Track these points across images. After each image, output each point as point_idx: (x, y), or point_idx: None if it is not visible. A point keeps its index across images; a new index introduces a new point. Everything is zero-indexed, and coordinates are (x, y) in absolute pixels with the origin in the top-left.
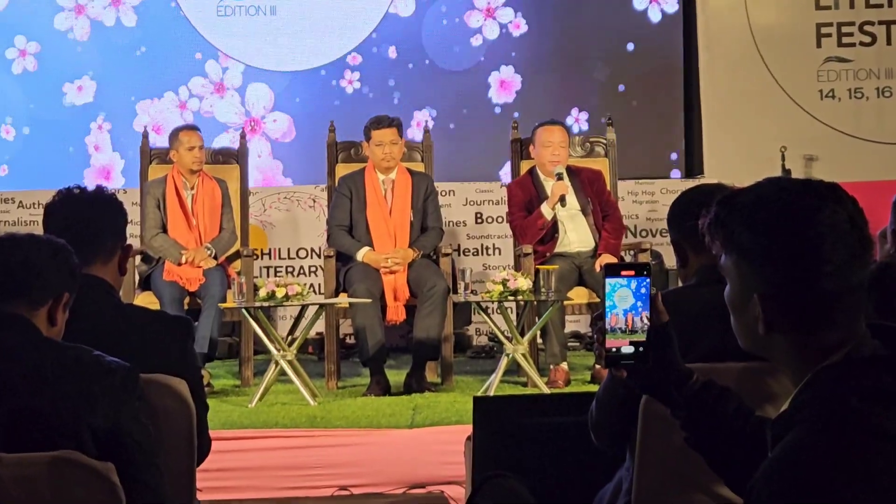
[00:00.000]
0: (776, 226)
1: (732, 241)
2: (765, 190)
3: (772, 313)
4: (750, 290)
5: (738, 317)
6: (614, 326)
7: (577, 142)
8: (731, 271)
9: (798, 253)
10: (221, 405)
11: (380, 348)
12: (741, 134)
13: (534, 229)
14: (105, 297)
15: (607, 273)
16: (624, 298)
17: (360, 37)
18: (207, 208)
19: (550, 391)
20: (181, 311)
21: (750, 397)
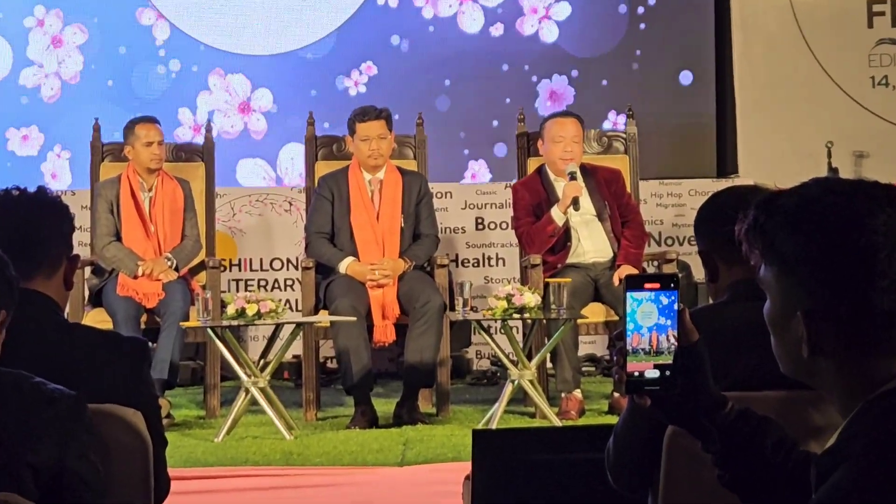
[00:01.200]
0: (824, 233)
1: (774, 250)
2: (810, 191)
3: (817, 334)
4: (793, 306)
5: (778, 337)
6: (636, 347)
7: (592, 136)
8: (772, 285)
9: (849, 265)
10: (183, 439)
11: (366, 374)
12: (781, 127)
13: (543, 237)
14: (48, 315)
15: (628, 286)
16: (648, 315)
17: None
18: (168, 213)
19: (562, 423)
20: (137, 330)
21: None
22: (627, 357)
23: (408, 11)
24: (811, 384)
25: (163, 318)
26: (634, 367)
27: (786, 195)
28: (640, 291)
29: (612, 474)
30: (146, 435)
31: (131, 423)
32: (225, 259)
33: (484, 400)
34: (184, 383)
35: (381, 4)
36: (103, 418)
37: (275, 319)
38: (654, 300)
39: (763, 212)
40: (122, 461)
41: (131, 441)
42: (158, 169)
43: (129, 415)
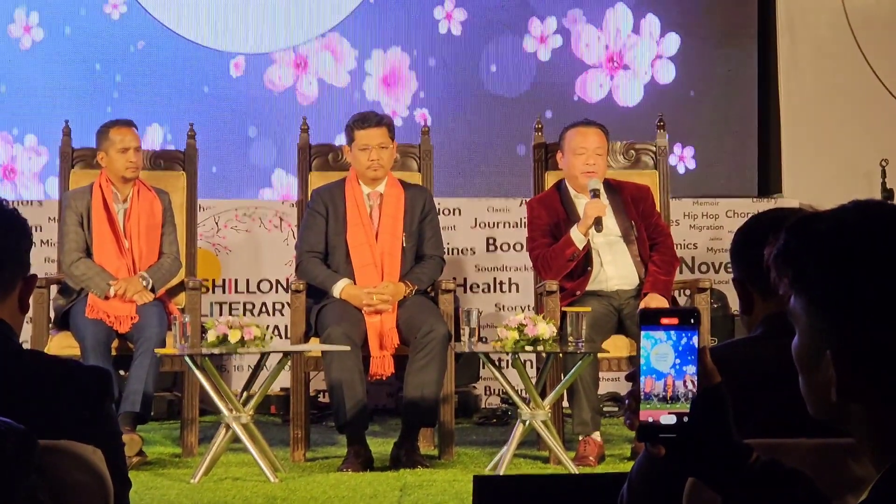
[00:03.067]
0: (859, 263)
1: (803, 279)
2: (849, 216)
3: (848, 376)
4: (822, 344)
5: (806, 377)
6: (649, 393)
7: (618, 149)
8: (801, 318)
9: (886, 301)
10: (156, 479)
11: (360, 410)
12: (830, 142)
13: (561, 261)
14: (0, 340)
15: (642, 322)
16: (663, 357)
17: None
18: (144, 227)
19: (578, 470)
20: (107, 357)
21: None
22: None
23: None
24: (842, 429)
25: (136, 345)
26: (647, 414)
27: (821, 219)
28: (656, 329)
29: None
30: (106, 475)
31: (89, 462)
32: (207, 279)
33: (492, 442)
34: (159, 417)
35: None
36: (58, 456)
37: (260, 348)
38: (671, 340)
39: (795, 236)
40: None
41: (89, 481)
42: (135, 178)
43: (88, 452)
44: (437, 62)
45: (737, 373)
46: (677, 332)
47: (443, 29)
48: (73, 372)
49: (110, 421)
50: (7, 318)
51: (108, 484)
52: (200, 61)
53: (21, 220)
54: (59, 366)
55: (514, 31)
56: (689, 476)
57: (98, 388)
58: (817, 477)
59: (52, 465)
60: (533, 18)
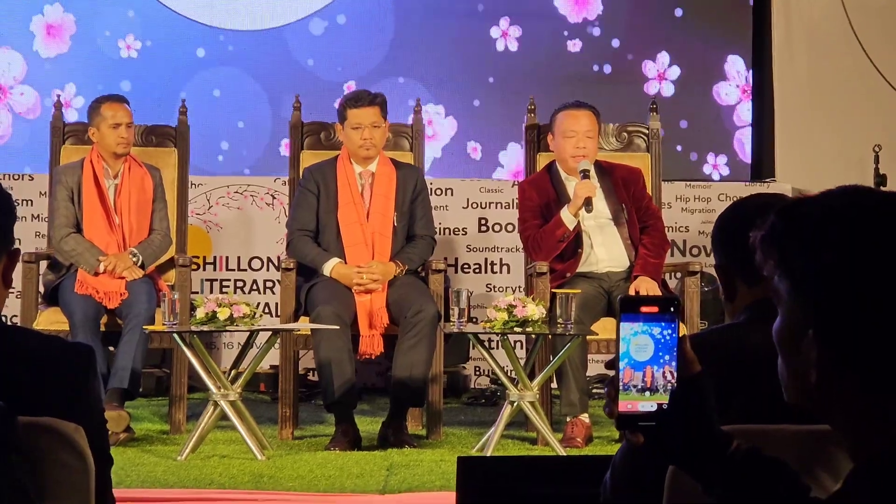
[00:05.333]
0: (844, 246)
1: (788, 261)
2: (836, 200)
3: (829, 357)
4: (804, 324)
5: (786, 358)
6: (628, 384)
7: (610, 131)
8: (784, 300)
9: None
10: (143, 456)
11: (349, 389)
12: (824, 127)
13: (551, 242)
14: None
15: (622, 310)
16: (643, 348)
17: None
18: (134, 203)
19: (566, 452)
20: (96, 333)
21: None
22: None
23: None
24: (818, 417)
25: (125, 321)
26: (626, 404)
27: (808, 202)
28: (636, 317)
29: None
30: (87, 452)
31: (71, 439)
32: (198, 256)
33: (481, 422)
34: (147, 393)
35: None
36: (38, 433)
37: (249, 325)
38: (650, 330)
39: (782, 218)
40: (59, 481)
41: (70, 459)
42: (126, 154)
43: (70, 430)
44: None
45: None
46: (657, 320)
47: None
48: (56, 349)
49: (93, 398)
50: None
51: (89, 462)
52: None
53: (4, 194)
54: (43, 342)
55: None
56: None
57: (81, 366)
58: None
59: (33, 443)
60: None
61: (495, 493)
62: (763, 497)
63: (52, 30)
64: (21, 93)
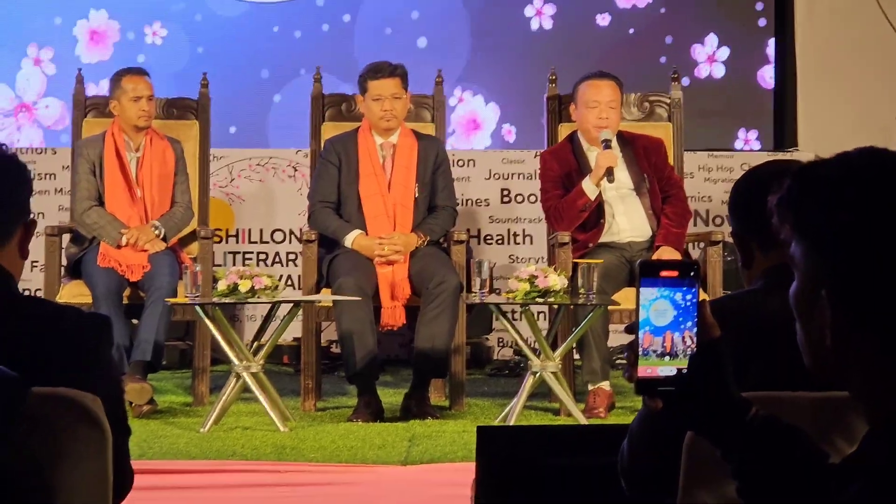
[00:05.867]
0: (860, 206)
1: (804, 222)
2: (854, 161)
3: (844, 318)
4: (820, 286)
5: (802, 321)
6: (647, 349)
7: (632, 101)
8: (800, 263)
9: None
10: (166, 428)
11: (371, 360)
12: (847, 96)
13: (573, 212)
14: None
15: (642, 274)
16: (662, 313)
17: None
18: (156, 176)
19: (588, 421)
20: (119, 305)
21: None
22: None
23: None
24: (835, 382)
25: (147, 294)
26: (645, 369)
27: (826, 163)
28: (655, 282)
29: (624, 479)
30: (104, 422)
31: (88, 410)
32: (221, 229)
33: (504, 393)
34: (171, 366)
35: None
36: (55, 404)
37: (270, 297)
38: (670, 295)
39: (799, 180)
40: (75, 451)
41: (87, 429)
42: (147, 127)
43: (87, 400)
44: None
45: (737, 325)
46: (677, 285)
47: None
48: (72, 319)
49: (109, 368)
50: (6, 265)
51: (106, 431)
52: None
53: (20, 165)
54: (59, 313)
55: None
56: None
57: (97, 336)
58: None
59: (49, 413)
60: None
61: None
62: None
63: (96, 35)
64: (46, 105)
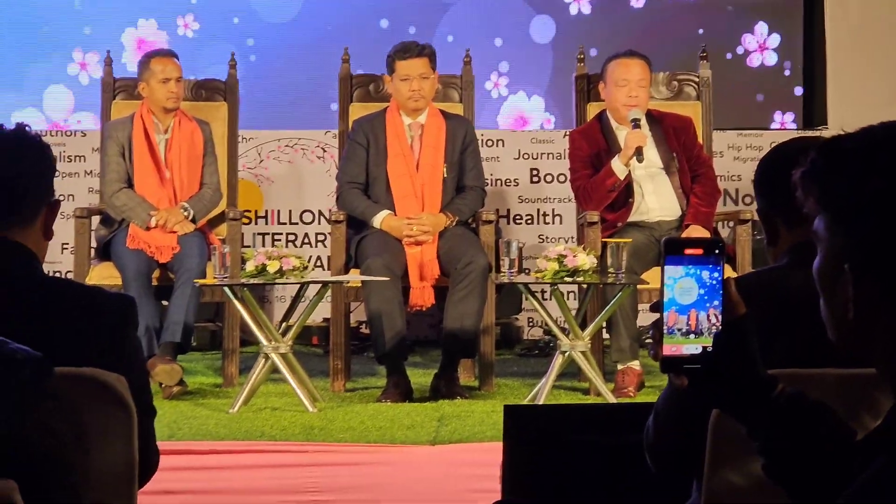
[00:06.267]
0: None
1: (828, 195)
2: (878, 134)
3: (866, 291)
4: (842, 260)
5: (826, 296)
6: (672, 327)
7: (660, 80)
8: (823, 237)
9: None
10: (195, 409)
11: (399, 341)
12: (876, 74)
13: (602, 191)
14: (21, 267)
15: (667, 252)
16: (687, 291)
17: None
18: (185, 157)
19: (617, 400)
20: (149, 287)
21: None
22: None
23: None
24: (859, 356)
25: (177, 275)
26: (670, 348)
27: (850, 137)
28: (680, 260)
29: (650, 456)
30: (130, 402)
31: (113, 389)
32: (250, 210)
33: (534, 373)
34: (202, 347)
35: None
36: (80, 383)
37: (299, 278)
38: (694, 274)
39: (823, 154)
40: (101, 431)
41: (112, 409)
42: (176, 108)
43: (112, 380)
44: None
45: (762, 302)
46: (702, 263)
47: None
48: (96, 299)
49: (134, 349)
50: (31, 245)
51: (131, 412)
52: None
53: (44, 146)
54: (83, 293)
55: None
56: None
57: (121, 316)
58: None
59: (74, 393)
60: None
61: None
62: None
63: (144, 45)
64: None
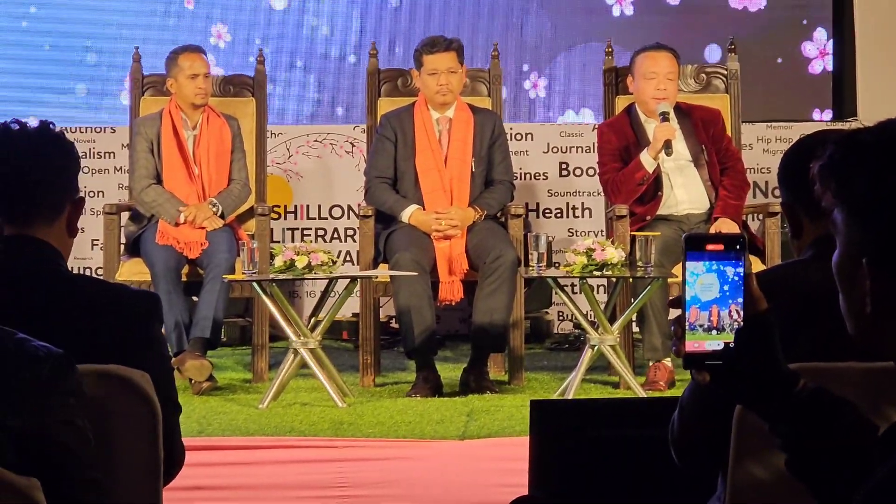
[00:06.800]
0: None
1: (845, 188)
2: (893, 128)
3: (883, 285)
4: (859, 254)
5: (844, 290)
6: (694, 323)
7: (689, 73)
8: (841, 230)
9: None
10: (226, 405)
11: (429, 336)
12: None
13: (631, 185)
14: (45, 264)
15: (687, 248)
16: (708, 287)
17: None
18: (213, 153)
19: (647, 394)
20: (177, 283)
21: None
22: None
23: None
24: (877, 350)
25: (206, 271)
26: (693, 343)
27: (867, 131)
28: (701, 256)
29: (675, 451)
30: (154, 399)
31: (138, 386)
32: (279, 205)
33: (564, 367)
34: (232, 342)
35: None
36: (104, 380)
37: (327, 273)
38: (716, 269)
39: (840, 147)
40: (125, 428)
41: (137, 406)
42: (204, 104)
43: (136, 377)
44: None
45: (784, 296)
46: (723, 259)
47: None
48: (120, 296)
49: (158, 345)
50: (55, 243)
51: (156, 408)
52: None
53: (68, 143)
54: (107, 290)
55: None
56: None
57: (146, 313)
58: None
59: (98, 390)
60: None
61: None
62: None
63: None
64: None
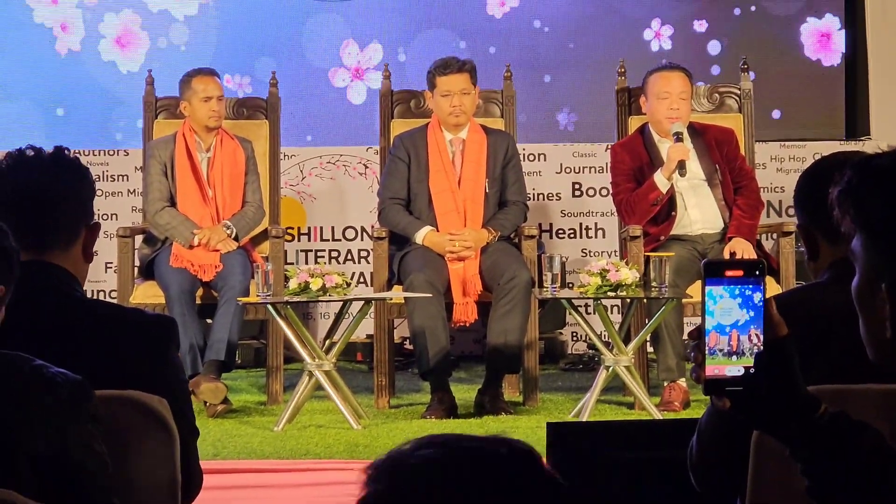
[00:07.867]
0: None
1: (863, 214)
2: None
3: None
4: (879, 279)
5: (863, 315)
6: (714, 348)
7: (702, 92)
8: (860, 255)
9: None
10: (240, 427)
11: (443, 357)
12: None
13: (644, 205)
14: (61, 290)
15: (706, 274)
16: (728, 312)
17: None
18: (227, 176)
19: (663, 415)
20: (192, 306)
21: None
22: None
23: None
24: None
25: (220, 293)
26: (713, 369)
27: (884, 155)
28: (720, 281)
29: (693, 475)
30: (171, 424)
31: (155, 411)
32: (293, 227)
33: (578, 388)
34: (246, 365)
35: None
36: (121, 406)
37: (341, 295)
38: (735, 294)
39: (858, 172)
40: (143, 453)
41: (154, 431)
42: (217, 127)
43: (153, 402)
44: None
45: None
46: (742, 283)
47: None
48: (136, 321)
49: (175, 370)
50: (70, 268)
51: (173, 432)
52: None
53: (83, 168)
54: (124, 315)
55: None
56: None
57: (162, 338)
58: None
59: (116, 415)
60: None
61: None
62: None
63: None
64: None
